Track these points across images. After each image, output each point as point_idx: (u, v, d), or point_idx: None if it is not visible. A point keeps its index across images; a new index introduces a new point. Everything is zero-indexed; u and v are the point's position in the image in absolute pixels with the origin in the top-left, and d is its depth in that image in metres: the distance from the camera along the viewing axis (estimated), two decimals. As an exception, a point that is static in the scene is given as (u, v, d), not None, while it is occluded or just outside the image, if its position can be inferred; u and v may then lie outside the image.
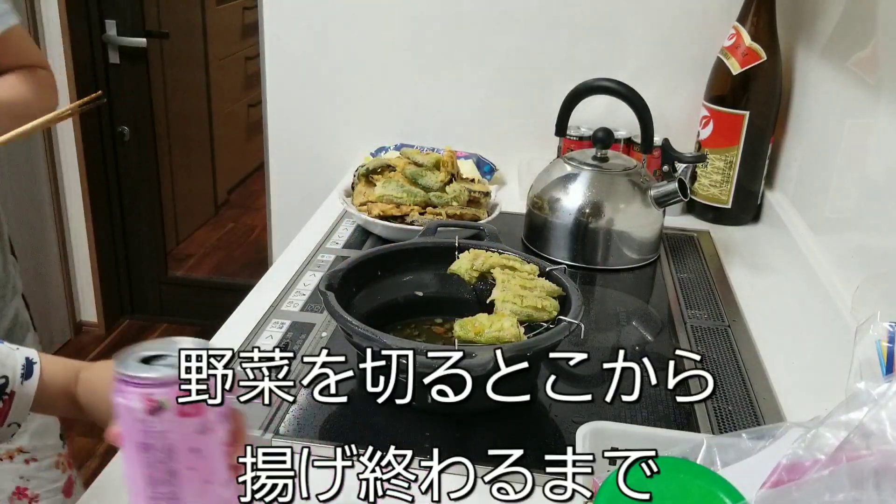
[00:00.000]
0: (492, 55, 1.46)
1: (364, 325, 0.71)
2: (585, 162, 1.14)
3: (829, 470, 0.46)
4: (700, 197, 1.33)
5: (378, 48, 1.48)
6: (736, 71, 1.25)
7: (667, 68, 1.42)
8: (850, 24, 1.08)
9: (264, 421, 0.74)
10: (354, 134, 1.55)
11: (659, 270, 1.14)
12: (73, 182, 2.36)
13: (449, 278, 0.90)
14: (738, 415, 0.80)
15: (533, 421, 0.77)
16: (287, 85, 1.54)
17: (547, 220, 1.13)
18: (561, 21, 1.42)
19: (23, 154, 2.19)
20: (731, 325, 0.98)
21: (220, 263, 2.87)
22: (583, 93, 1.14)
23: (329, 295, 0.77)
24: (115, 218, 2.52)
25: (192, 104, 2.74)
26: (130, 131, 2.43)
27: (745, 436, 0.56)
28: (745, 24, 1.24)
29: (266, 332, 0.90)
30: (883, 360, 0.64)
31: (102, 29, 2.30)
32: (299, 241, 1.17)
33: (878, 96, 0.95)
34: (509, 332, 0.75)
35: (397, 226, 1.11)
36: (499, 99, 1.49)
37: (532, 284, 0.84)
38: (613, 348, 0.92)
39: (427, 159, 1.15)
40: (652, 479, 0.51)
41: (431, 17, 1.45)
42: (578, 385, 0.85)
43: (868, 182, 0.95)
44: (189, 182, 2.78)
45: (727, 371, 0.87)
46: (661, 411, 0.80)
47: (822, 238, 1.08)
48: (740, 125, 1.26)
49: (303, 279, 1.04)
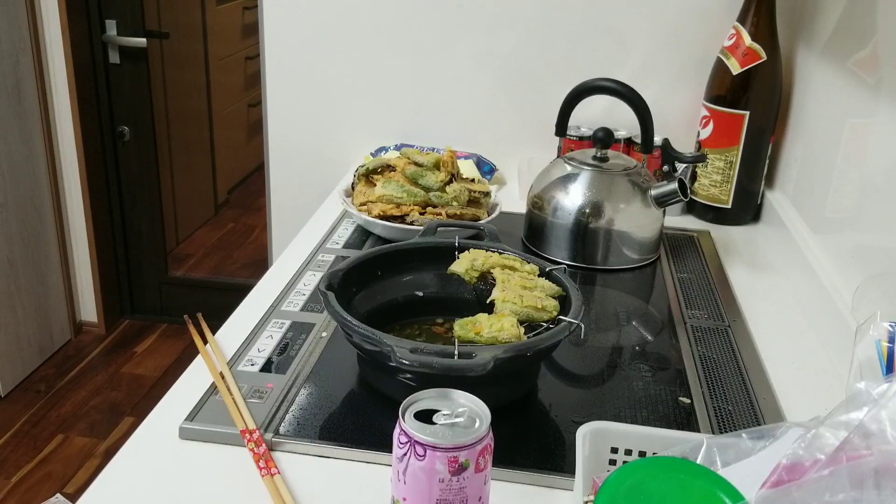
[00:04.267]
0: (492, 55, 1.46)
1: (364, 325, 0.71)
2: (585, 162, 1.14)
3: (829, 470, 0.46)
4: (700, 197, 1.33)
5: (378, 48, 1.48)
6: (736, 71, 1.25)
7: (667, 68, 1.42)
8: (850, 24, 1.08)
9: (264, 420, 0.74)
10: (354, 134, 1.55)
11: (659, 270, 1.14)
12: (73, 182, 2.36)
13: (449, 278, 0.90)
14: (738, 415, 0.80)
15: (533, 421, 0.77)
16: (287, 85, 1.54)
17: (547, 220, 1.13)
18: (561, 21, 1.42)
19: (23, 154, 2.19)
20: (731, 325, 0.98)
21: (220, 263, 2.87)
22: (583, 93, 1.14)
23: (329, 295, 0.77)
24: (115, 218, 2.52)
25: (192, 104, 2.74)
26: (130, 131, 2.43)
27: (745, 436, 0.56)
28: (745, 24, 1.24)
29: (266, 332, 0.90)
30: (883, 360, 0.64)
31: (102, 29, 2.30)
32: (299, 241, 1.17)
33: (878, 96, 0.95)
34: (509, 332, 0.75)
35: (397, 226, 1.11)
36: (499, 99, 1.49)
37: (532, 284, 0.84)
38: (613, 348, 0.92)
39: (427, 159, 1.15)
40: (652, 479, 0.51)
41: (431, 17, 1.45)
42: (579, 384, 0.85)
43: (868, 182, 0.95)
44: (189, 182, 2.78)
45: (727, 371, 0.87)
46: (661, 411, 0.80)
47: (822, 238, 1.08)
48: (740, 125, 1.26)
49: (303, 279, 1.04)
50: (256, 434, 0.72)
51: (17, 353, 2.27)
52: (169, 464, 0.70)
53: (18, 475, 1.95)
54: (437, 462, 0.52)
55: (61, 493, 1.88)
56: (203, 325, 0.89)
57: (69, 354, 2.45)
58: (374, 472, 0.70)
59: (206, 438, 0.73)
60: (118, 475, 0.68)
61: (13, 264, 2.20)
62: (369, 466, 0.71)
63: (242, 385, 0.79)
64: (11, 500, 1.87)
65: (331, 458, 0.71)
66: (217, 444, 0.72)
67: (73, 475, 1.96)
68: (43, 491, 1.90)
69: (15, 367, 2.26)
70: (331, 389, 0.80)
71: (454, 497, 0.53)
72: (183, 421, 0.73)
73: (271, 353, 0.85)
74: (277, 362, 0.84)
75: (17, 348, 2.26)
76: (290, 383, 0.80)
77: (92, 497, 0.66)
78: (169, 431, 0.73)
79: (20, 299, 2.24)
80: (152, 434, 0.73)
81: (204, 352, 0.84)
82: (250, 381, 0.80)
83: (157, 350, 2.51)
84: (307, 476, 0.69)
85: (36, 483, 1.93)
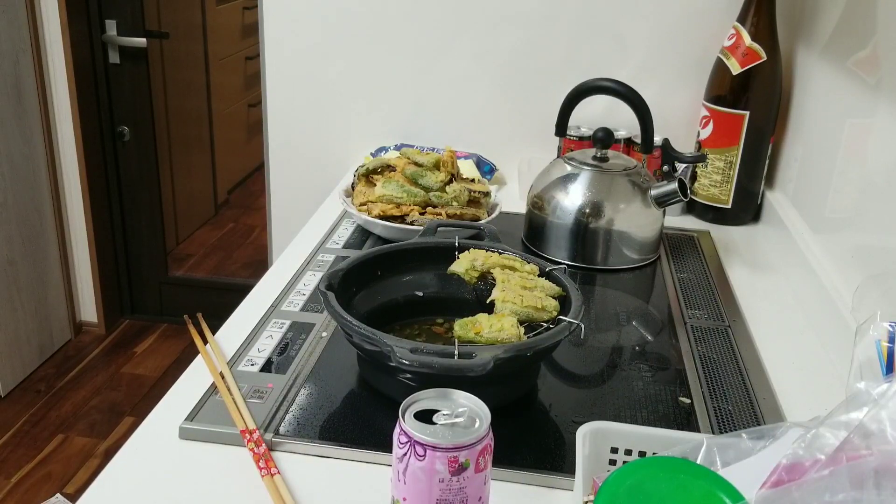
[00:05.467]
0: (492, 55, 1.46)
1: (364, 325, 0.71)
2: (585, 162, 1.14)
3: (829, 470, 0.46)
4: (700, 197, 1.33)
5: (378, 48, 1.48)
6: (736, 71, 1.25)
7: (667, 68, 1.42)
8: (850, 24, 1.08)
9: (264, 420, 0.74)
10: (354, 134, 1.55)
11: (659, 270, 1.14)
12: (73, 182, 2.36)
13: (449, 278, 0.90)
14: (738, 415, 0.80)
15: (533, 421, 0.77)
16: (287, 85, 1.54)
17: (547, 220, 1.13)
18: (561, 21, 1.42)
19: (23, 154, 2.19)
20: (731, 325, 0.98)
21: (220, 263, 2.87)
22: (583, 93, 1.14)
23: (329, 295, 0.77)
24: (115, 218, 2.52)
25: (192, 104, 2.74)
26: (130, 131, 2.43)
27: (745, 436, 0.56)
28: (745, 24, 1.24)
29: (266, 332, 0.90)
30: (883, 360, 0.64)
31: (102, 29, 2.30)
32: (299, 241, 1.17)
33: (878, 96, 0.94)
34: (509, 332, 0.75)
35: (397, 226, 1.11)
36: (499, 99, 1.49)
37: (532, 284, 0.84)
38: (613, 348, 0.92)
39: (427, 159, 1.15)
40: (652, 479, 0.51)
41: (431, 17, 1.45)
42: (579, 384, 0.85)
43: (868, 182, 0.95)
44: (189, 182, 2.78)
45: (727, 371, 0.87)
46: (661, 411, 0.80)
47: (822, 238, 1.08)
48: (740, 125, 1.26)
49: (303, 279, 1.04)
50: (256, 434, 0.72)
51: (17, 353, 2.27)
52: (169, 464, 0.70)
53: (18, 475, 1.95)
54: (437, 462, 0.52)
55: (61, 493, 1.88)
56: (203, 325, 0.89)
57: (69, 354, 2.45)
58: (374, 472, 0.70)
59: (206, 438, 0.73)
60: (118, 475, 0.68)
61: (13, 264, 2.20)
62: (369, 466, 0.71)
63: (242, 385, 0.79)
64: (11, 500, 1.87)
65: (331, 458, 0.71)
66: (217, 444, 0.72)
67: (73, 475, 1.96)
68: (43, 491, 1.90)
69: (15, 367, 2.26)
70: (331, 389, 0.80)
71: (454, 497, 0.53)
72: (183, 421, 0.73)
73: (271, 353, 0.85)
74: (277, 362, 0.84)
75: (17, 348, 2.26)
76: (290, 383, 0.80)
77: (92, 497, 0.66)
78: (169, 431, 0.73)
79: (20, 299, 2.24)
80: (152, 434, 0.73)
81: (204, 352, 0.84)
82: (250, 381, 0.80)
83: (157, 350, 2.51)
84: (307, 476, 0.69)
85: (36, 483, 1.93)
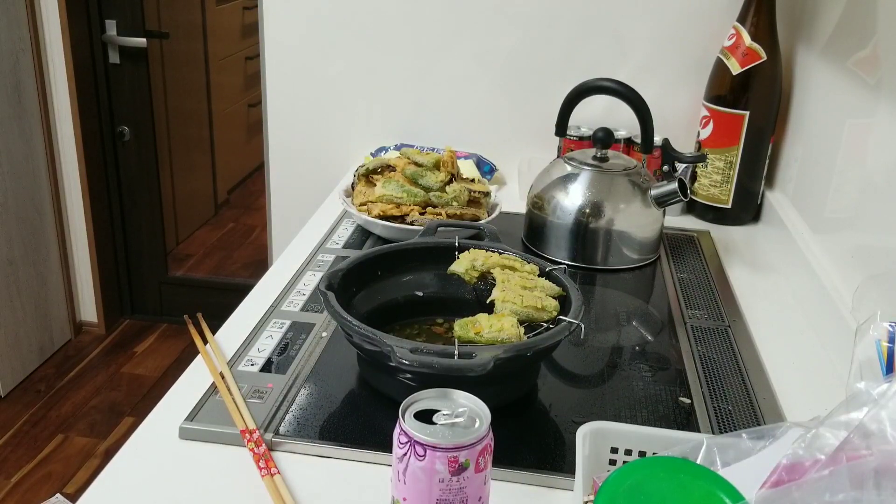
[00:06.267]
0: (492, 55, 1.46)
1: (364, 325, 0.71)
2: (585, 162, 1.14)
3: (829, 470, 0.46)
4: (700, 197, 1.33)
5: (378, 48, 1.48)
6: (736, 71, 1.25)
7: (667, 68, 1.42)
8: (850, 24, 1.08)
9: (264, 420, 0.74)
10: (354, 134, 1.55)
11: (659, 270, 1.14)
12: (73, 182, 2.36)
13: (449, 278, 0.90)
14: (738, 415, 0.80)
15: (533, 421, 0.77)
16: (287, 85, 1.54)
17: (547, 220, 1.13)
18: (561, 21, 1.42)
19: (23, 154, 2.19)
20: (731, 325, 0.98)
21: (220, 263, 2.87)
22: (583, 93, 1.14)
23: (329, 295, 0.77)
24: (115, 218, 2.52)
25: (192, 104, 2.74)
26: (130, 131, 2.43)
27: (745, 436, 0.56)
28: (745, 24, 1.24)
29: (266, 332, 0.90)
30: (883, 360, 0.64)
31: (102, 29, 2.30)
32: (299, 241, 1.17)
33: (878, 96, 0.94)
34: (509, 332, 0.75)
35: (397, 226, 1.11)
36: (499, 99, 1.49)
37: (532, 284, 0.84)
38: (613, 348, 0.92)
39: (427, 159, 1.15)
40: (652, 479, 0.51)
41: (431, 17, 1.45)
42: (579, 384, 0.85)
43: (868, 182, 0.95)
44: (189, 182, 2.78)
45: (727, 371, 0.87)
46: (661, 411, 0.80)
47: (822, 238, 1.07)
48: (740, 125, 1.26)
49: (303, 279, 1.04)
50: (256, 434, 0.72)
51: (17, 353, 2.27)
52: (169, 464, 0.70)
53: (18, 475, 1.95)
54: (437, 462, 0.52)
55: (61, 493, 1.88)
56: (203, 325, 0.89)
57: (69, 354, 2.45)
58: (374, 472, 0.70)
59: (206, 438, 0.73)
60: (118, 475, 0.68)
61: (13, 264, 2.20)
62: (369, 466, 0.71)
63: (242, 385, 0.79)
64: (11, 500, 1.87)
65: (331, 458, 0.71)
66: (217, 444, 0.72)
67: (73, 475, 1.96)
68: (43, 491, 1.90)
69: (15, 367, 2.26)
70: (331, 389, 0.80)
71: (454, 497, 0.53)
72: (183, 421, 0.73)
73: (271, 353, 0.85)
74: (277, 362, 0.84)
75: (17, 348, 2.26)
76: (290, 383, 0.80)
77: (92, 497, 0.66)
78: (169, 431, 0.73)
79: (20, 299, 2.24)
80: (152, 434, 0.73)
81: (204, 352, 0.84)
82: (250, 381, 0.80)
83: (157, 350, 2.51)
84: (307, 476, 0.69)
85: (36, 483, 1.93)
